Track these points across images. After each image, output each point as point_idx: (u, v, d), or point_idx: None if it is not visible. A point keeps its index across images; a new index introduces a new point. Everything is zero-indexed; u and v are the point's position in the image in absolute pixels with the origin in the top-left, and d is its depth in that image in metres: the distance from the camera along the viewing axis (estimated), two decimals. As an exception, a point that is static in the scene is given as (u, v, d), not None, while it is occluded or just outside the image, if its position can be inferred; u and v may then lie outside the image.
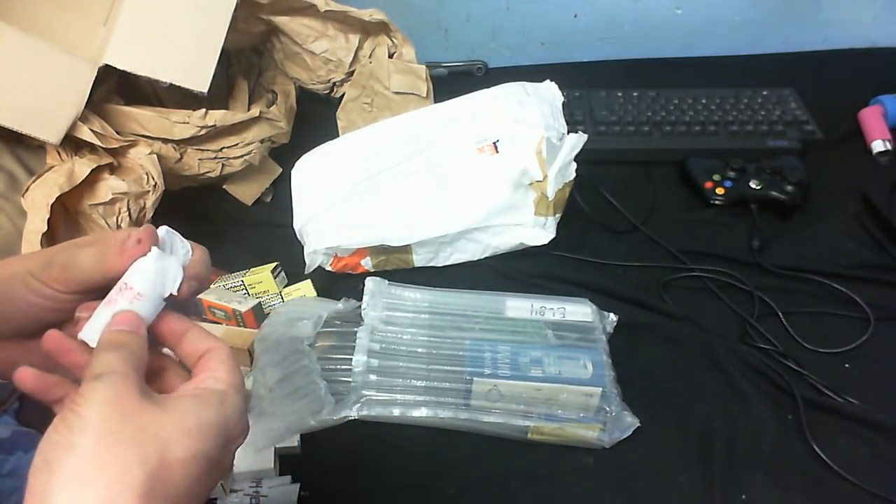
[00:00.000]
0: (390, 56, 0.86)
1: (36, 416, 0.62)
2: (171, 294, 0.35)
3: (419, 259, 0.74)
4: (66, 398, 0.34)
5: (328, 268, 0.73)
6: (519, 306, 0.64)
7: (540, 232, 0.73)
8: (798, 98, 0.92)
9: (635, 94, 0.93)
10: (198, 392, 0.32)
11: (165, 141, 0.71)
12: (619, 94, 0.93)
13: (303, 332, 0.62)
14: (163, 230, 0.36)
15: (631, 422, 0.58)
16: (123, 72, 0.66)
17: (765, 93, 0.93)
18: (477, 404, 0.58)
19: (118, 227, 0.67)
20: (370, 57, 0.87)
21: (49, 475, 0.27)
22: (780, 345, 0.66)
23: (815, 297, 0.71)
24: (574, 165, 0.71)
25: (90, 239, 0.37)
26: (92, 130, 0.64)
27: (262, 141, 0.78)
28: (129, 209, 0.67)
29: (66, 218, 0.66)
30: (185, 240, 0.37)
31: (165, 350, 0.37)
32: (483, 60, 1.06)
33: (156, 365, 0.35)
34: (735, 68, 1.04)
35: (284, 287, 0.72)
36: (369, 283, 0.66)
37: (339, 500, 0.57)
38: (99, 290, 0.35)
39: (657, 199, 0.83)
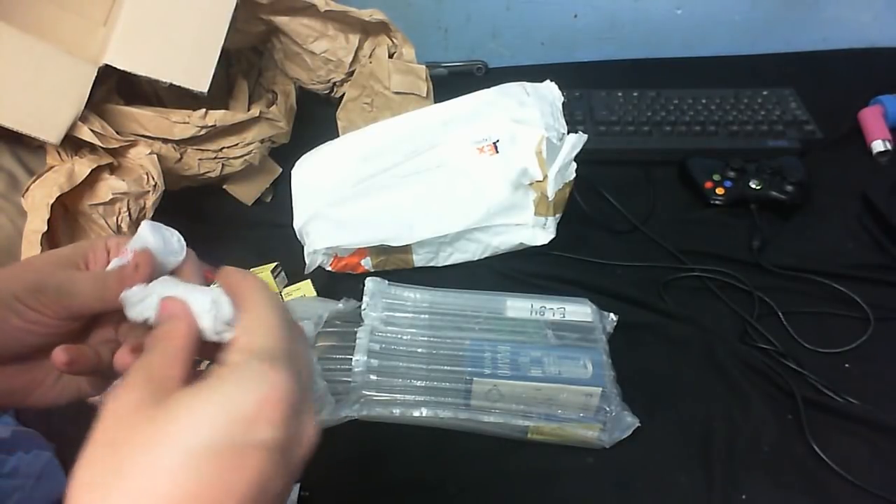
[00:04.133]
0: (390, 56, 0.86)
1: (36, 416, 0.62)
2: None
3: (419, 259, 0.73)
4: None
5: (328, 268, 0.73)
6: (519, 306, 0.64)
7: (540, 232, 0.73)
8: (798, 98, 0.92)
9: (635, 94, 0.93)
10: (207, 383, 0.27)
11: (165, 141, 0.71)
12: (619, 94, 0.93)
13: (303, 332, 0.62)
14: (146, 227, 0.36)
15: (631, 422, 0.58)
16: (123, 72, 0.66)
17: (765, 93, 0.92)
18: (477, 404, 0.58)
19: (118, 227, 0.67)
20: (370, 57, 0.87)
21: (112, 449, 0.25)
22: (780, 345, 0.66)
23: (815, 297, 0.71)
24: (574, 165, 0.71)
25: (69, 254, 0.35)
26: (92, 130, 0.64)
27: (262, 141, 0.78)
28: (129, 209, 0.67)
29: (67, 218, 0.66)
30: (173, 232, 0.37)
31: None
32: (483, 60, 1.06)
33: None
34: (735, 68, 1.04)
35: (284, 287, 0.72)
36: (369, 283, 0.66)
37: (339, 500, 0.57)
38: (93, 316, 0.35)
39: (657, 199, 0.83)
